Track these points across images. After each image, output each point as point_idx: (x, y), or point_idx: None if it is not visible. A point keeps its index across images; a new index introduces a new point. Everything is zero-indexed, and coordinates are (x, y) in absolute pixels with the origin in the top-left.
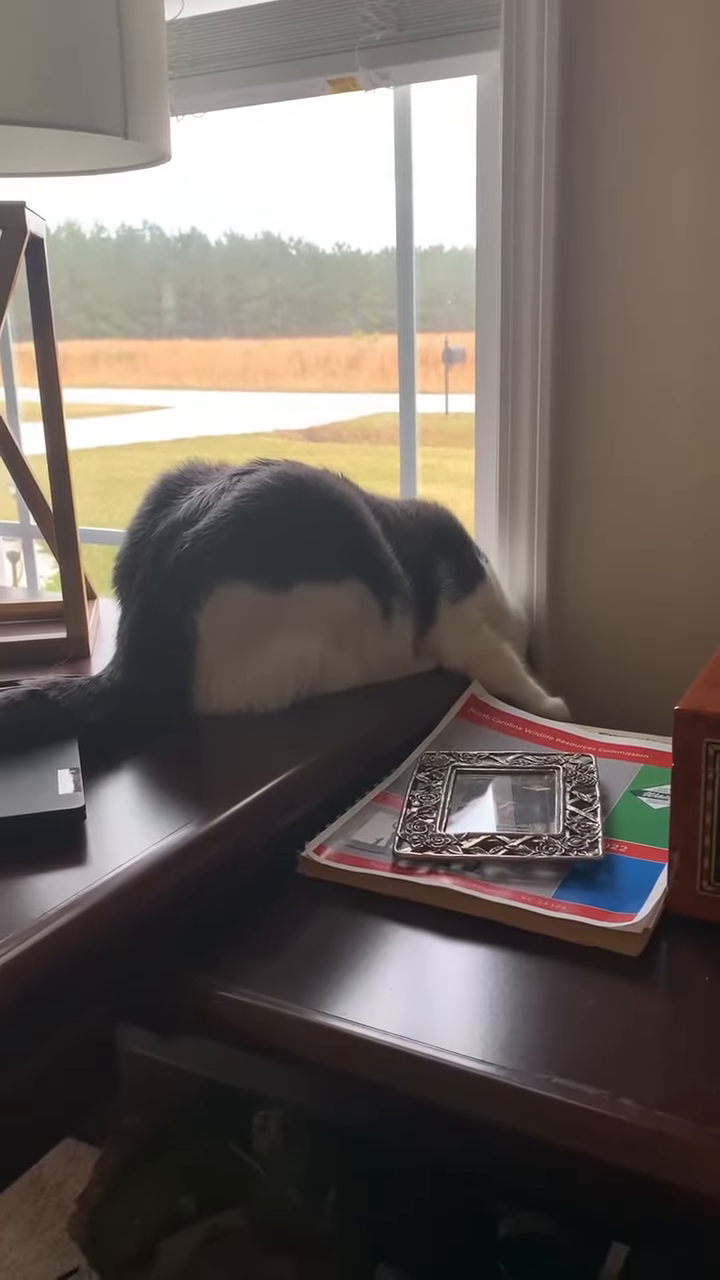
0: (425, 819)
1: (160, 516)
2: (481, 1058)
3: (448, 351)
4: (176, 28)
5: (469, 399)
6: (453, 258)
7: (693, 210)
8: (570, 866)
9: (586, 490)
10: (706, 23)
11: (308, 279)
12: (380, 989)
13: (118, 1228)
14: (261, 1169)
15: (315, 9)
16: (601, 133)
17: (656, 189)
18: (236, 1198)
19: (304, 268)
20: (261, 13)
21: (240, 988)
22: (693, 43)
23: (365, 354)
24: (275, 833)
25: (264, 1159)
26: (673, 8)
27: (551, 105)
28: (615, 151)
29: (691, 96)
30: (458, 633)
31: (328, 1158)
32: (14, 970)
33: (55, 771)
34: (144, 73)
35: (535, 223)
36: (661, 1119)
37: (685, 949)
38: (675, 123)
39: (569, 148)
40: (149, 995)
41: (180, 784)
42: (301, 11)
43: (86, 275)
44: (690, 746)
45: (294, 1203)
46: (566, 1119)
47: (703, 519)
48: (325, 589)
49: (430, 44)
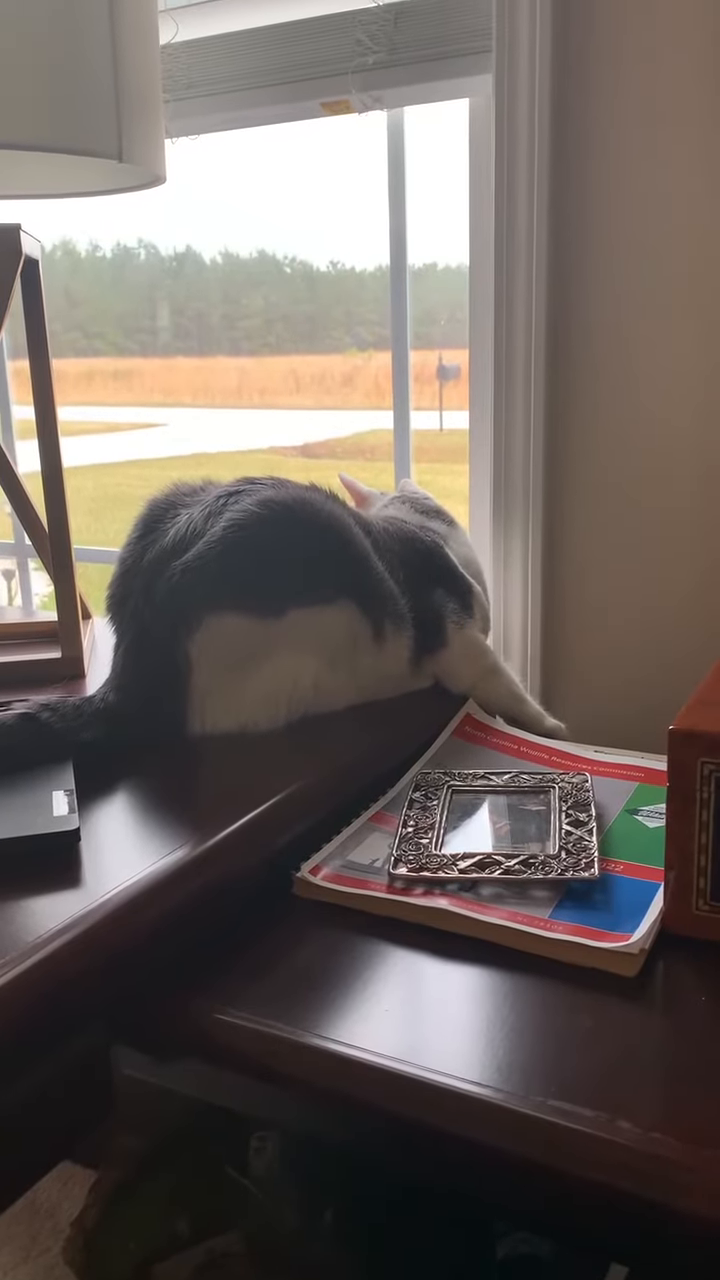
0: (421, 839)
1: (149, 543)
2: (478, 1080)
3: (441, 368)
4: (171, 51)
5: (463, 415)
6: (446, 275)
7: (684, 230)
8: (566, 886)
9: (581, 507)
10: (698, 48)
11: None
12: (376, 1010)
13: (113, 1251)
14: (257, 1191)
15: (309, 33)
16: (592, 154)
17: (648, 208)
18: (232, 1221)
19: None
20: (255, 36)
21: (235, 1010)
22: (684, 67)
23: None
24: (270, 853)
25: (260, 1181)
26: (664, 32)
27: (543, 127)
28: (606, 172)
29: (683, 119)
30: (467, 655)
31: (324, 1180)
32: (9, 994)
33: (50, 793)
34: (138, 96)
35: (528, 242)
36: (658, 1141)
37: (681, 969)
38: (666, 144)
39: (560, 169)
40: (144, 1017)
41: (175, 805)
42: (295, 35)
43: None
44: (685, 766)
45: (290, 1225)
46: (564, 1141)
47: (698, 537)
48: (317, 612)
49: (423, 68)
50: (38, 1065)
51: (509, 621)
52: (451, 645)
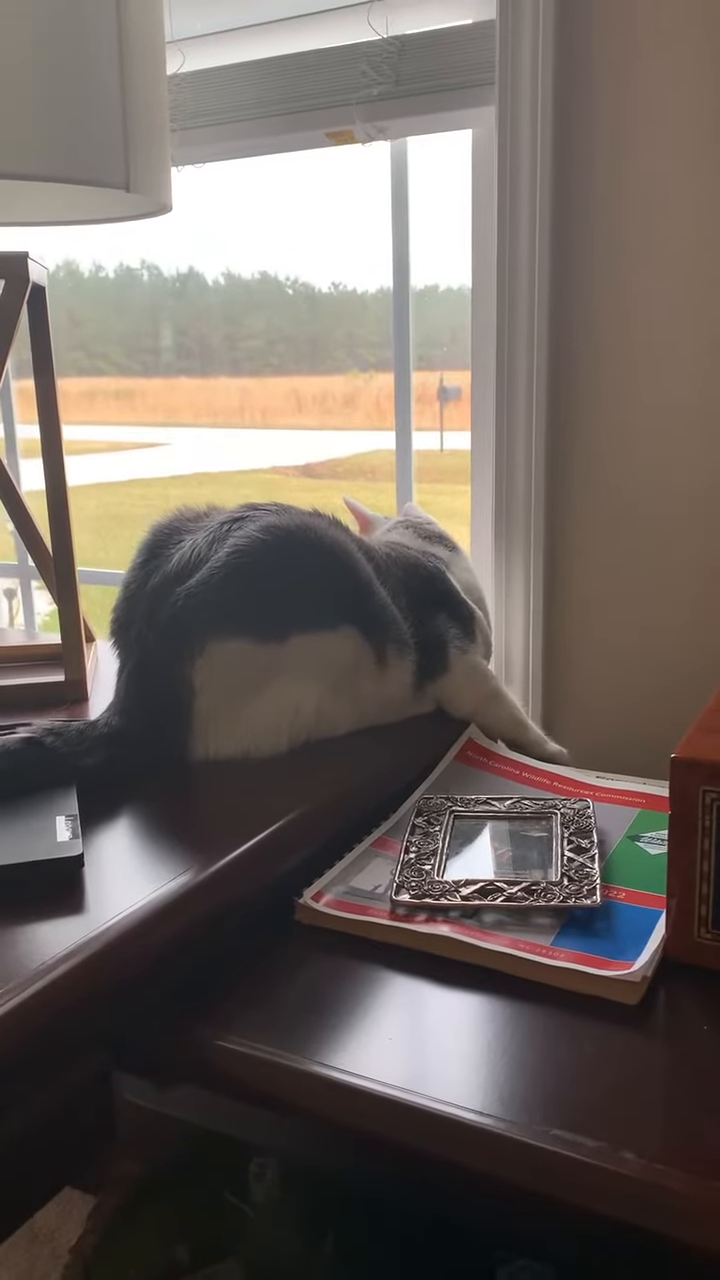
0: (423, 865)
1: (153, 568)
2: (480, 1109)
3: (442, 389)
4: (177, 81)
5: (463, 436)
6: (447, 297)
7: (686, 258)
8: (568, 913)
9: (583, 531)
10: (701, 83)
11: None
12: (377, 1038)
13: (112, 1278)
14: (257, 1218)
15: (314, 64)
16: (595, 186)
17: (650, 237)
18: (231, 1248)
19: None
20: (261, 67)
21: (236, 1036)
22: (686, 100)
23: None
24: (272, 879)
25: (260, 1208)
26: (665, 67)
27: (545, 159)
28: (608, 203)
29: (684, 151)
30: (470, 680)
31: (324, 1207)
32: (12, 1021)
33: (53, 818)
34: (146, 127)
35: (530, 268)
36: (662, 1172)
37: (683, 997)
38: (668, 174)
39: (562, 200)
40: (145, 1044)
41: (177, 830)
42: (300, 66)
43: (84, 314)
44: (687, 794)
45: (290, 1252)
46: (567, 1172)
47: (702, 559)
48: (320, 638)
49: (427, 99)
50: (40, 1092)
51: (510, 646)
52: (454, 671)
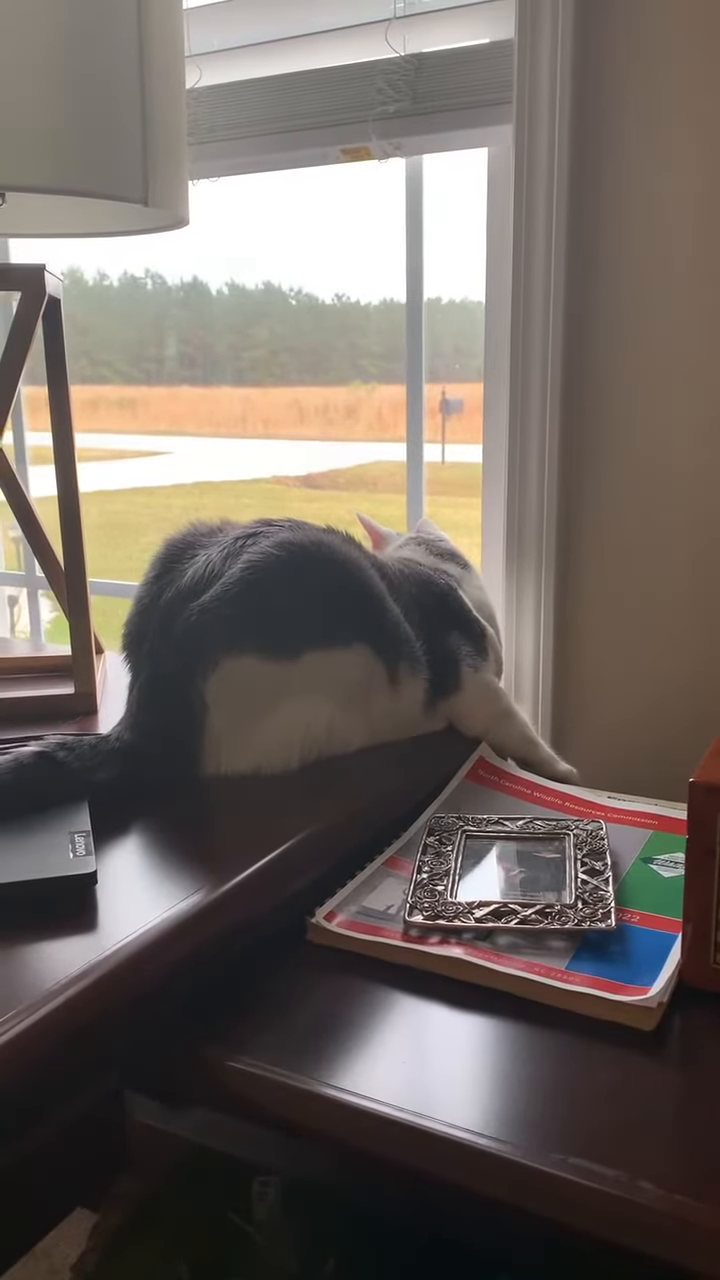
0: (436, 885)
1: (166, 583)
2: (493, 1135)
3: (445, 402)
4: (194, 96)
5: (464, 449)
6: (451, 310)
7: (703, 277)
8: (583, 937)
9: (595, 547)
10: (718, 101)
11: (307, 329)
12: (389, 1060)
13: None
14: (259, 1238)
15: (330, 81)
16: (612, 205)
17: (667, 257)
18: (233, 1267)
19: (304, 318)
20: (278, 83)
21: (248, 1057)
22: (705, 119)
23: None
24: (284, 898)
25: (262, 1227)
26: (683, 86)
27: (562, 177)
28: (625, 222)
29: (702, 171)
30: (481, 699)
31: (327, 1226)
32: (25, 1041)
33: (66, 834)
34: (165, 143)
35: (545, 285)
36: (681, 1204)
37: (699, 1023)
38: (686, 194)
39: (578, 218)
40: (156, 1064)
41: (189, 848)
42: (317, 83)
43: (89, 322)
44: (704, 819)
45: (292, 1272)
46: (584, 1201)
47: (716, 576)
48: (334, 655)
49: (443, 117)
50: (52, 1113)
51: (521, 663)
52: (465, 689)
